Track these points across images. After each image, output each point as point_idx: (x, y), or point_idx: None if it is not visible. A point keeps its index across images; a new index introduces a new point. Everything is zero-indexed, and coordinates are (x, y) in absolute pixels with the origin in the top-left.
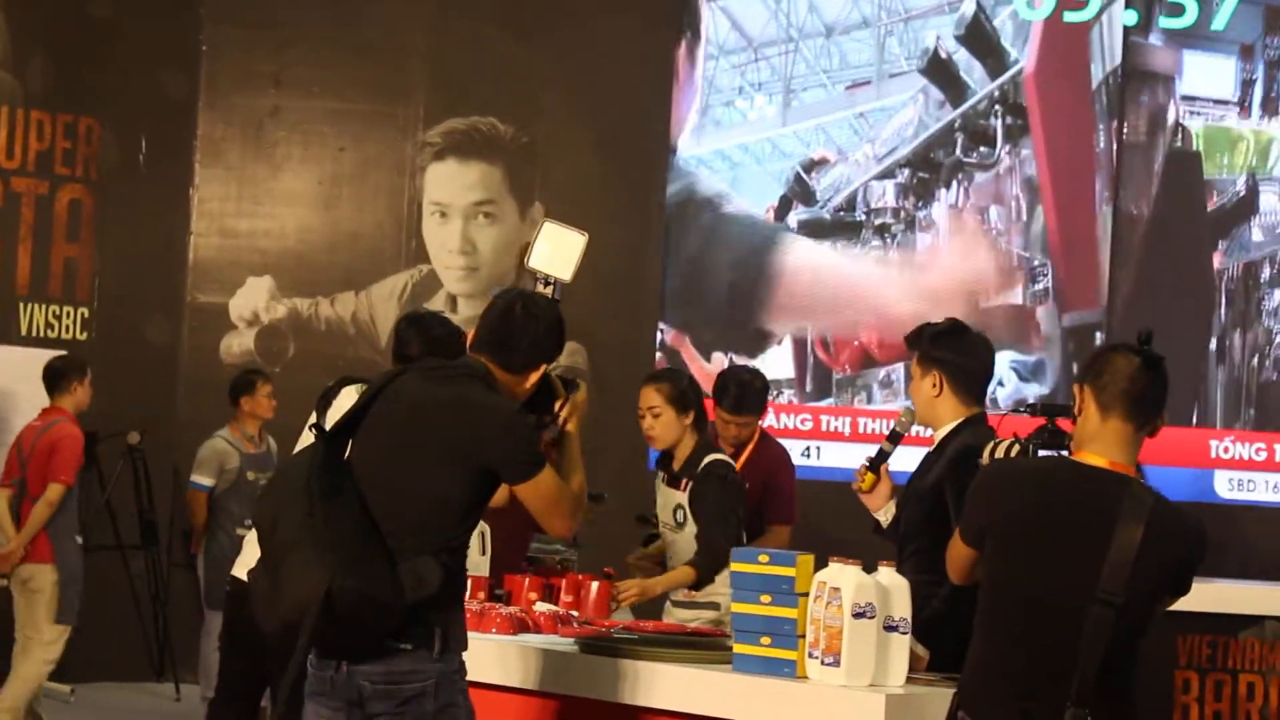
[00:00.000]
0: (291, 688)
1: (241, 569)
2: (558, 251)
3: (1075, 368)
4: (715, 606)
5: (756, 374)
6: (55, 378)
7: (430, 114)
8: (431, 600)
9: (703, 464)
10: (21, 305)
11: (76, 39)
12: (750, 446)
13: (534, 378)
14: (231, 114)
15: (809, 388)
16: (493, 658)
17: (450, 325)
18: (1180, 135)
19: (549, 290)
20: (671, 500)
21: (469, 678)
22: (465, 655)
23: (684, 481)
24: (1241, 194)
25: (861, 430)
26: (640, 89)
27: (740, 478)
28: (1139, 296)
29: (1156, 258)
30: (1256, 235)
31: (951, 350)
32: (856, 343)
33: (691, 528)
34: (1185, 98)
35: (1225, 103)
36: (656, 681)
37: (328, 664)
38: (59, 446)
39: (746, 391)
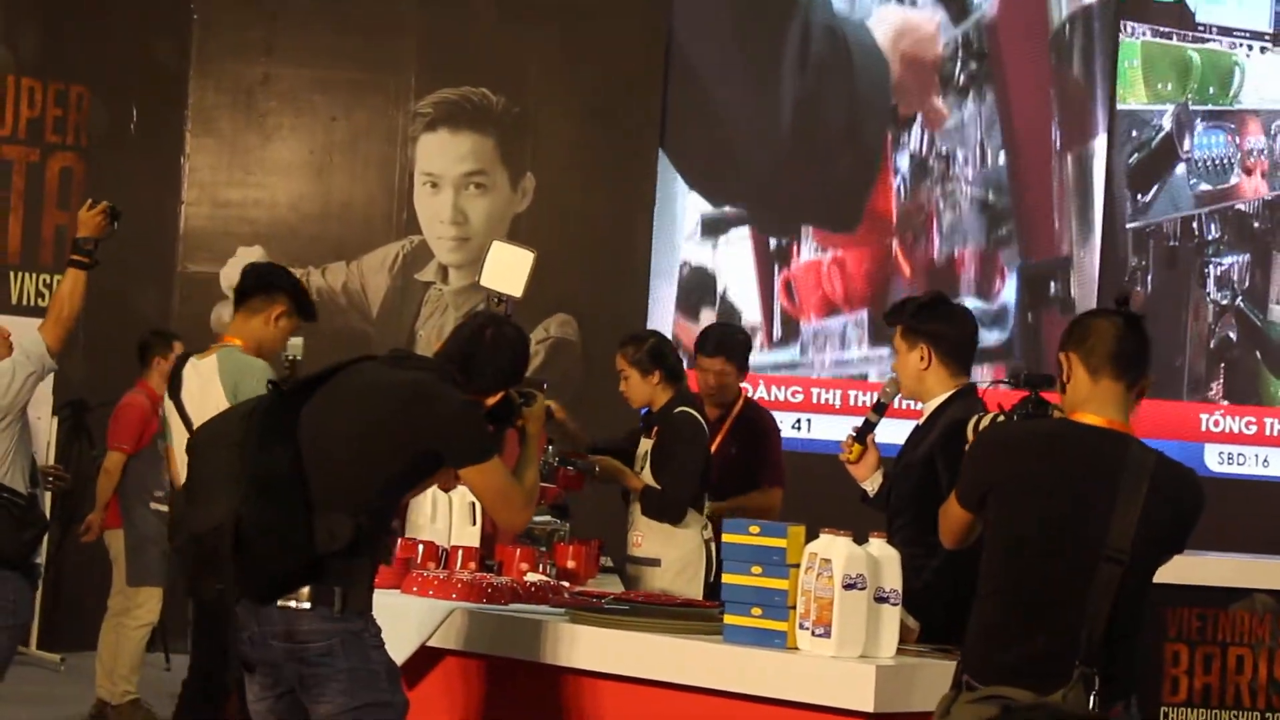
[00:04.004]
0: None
1: None
2: (507, 269)
3: (1029, 317)
4: (656, 563)
5: (740, 329)
6: (139, 353)
7: (421, 84)
8: (337, 559)
9: (671, 414)
10: (12, 274)
11: (68, 7)
12: (736, 409)
13: (491, 401)
14: (222, 82)
15: (776, 335)
16: (484, 628)
17: None
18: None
19: (502, 307)
20: (644, 449)
21: (461, 648)
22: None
23: (654, 429)
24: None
25: (852, 403)
26: (631, 58)
27: (704, 431)
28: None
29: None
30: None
31: (937, 322)
32: (821, 291)
33: (648, 474)
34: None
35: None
36: (647, 652)
37: (245, 620)
38: (118, 415)
39: (727, 338)
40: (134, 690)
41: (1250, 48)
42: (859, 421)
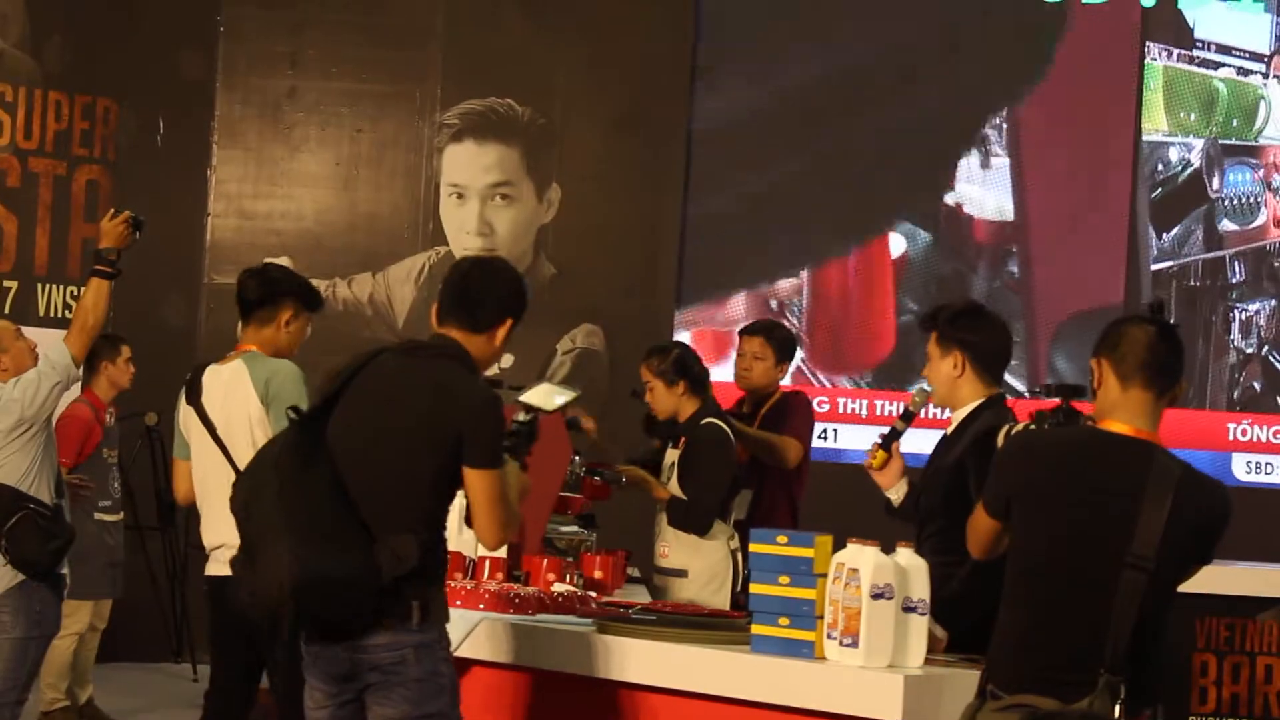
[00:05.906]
0: (288, 670)
1: (214, 566)
2: (547, 393)
3: None
4: (683, 573)
5: (785, 326)
6: (87, 359)
7: (447, 95)
8: (409, 576)
9: (698, 425)
10: (39, 286)
11: (95, 19)
12: (770, 402)
13: (502, 334)
14: (249, 95)
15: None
16: (511, 638)
17: None
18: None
19: (528, 416)
20: (670, 459)
21: (489, 659)
22: (465, 630)
23: (681, 440)
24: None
25: (879, 413)
26: (657, 68)
27: (731, 442)
28: None
29: None
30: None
31: (972, 331)
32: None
33: (674, 484)
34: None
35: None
36: (675, 662)
37: (314, 644)
38: (59, 428)
39: (771, 325)
40: (63, 697)
41: (1266, 76)
42: (885, 430)
